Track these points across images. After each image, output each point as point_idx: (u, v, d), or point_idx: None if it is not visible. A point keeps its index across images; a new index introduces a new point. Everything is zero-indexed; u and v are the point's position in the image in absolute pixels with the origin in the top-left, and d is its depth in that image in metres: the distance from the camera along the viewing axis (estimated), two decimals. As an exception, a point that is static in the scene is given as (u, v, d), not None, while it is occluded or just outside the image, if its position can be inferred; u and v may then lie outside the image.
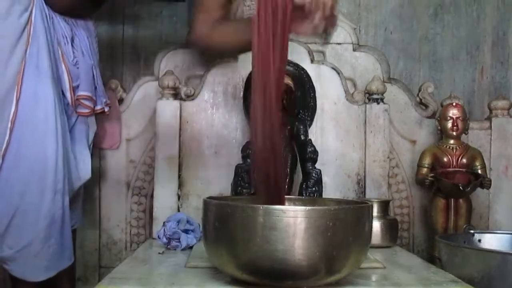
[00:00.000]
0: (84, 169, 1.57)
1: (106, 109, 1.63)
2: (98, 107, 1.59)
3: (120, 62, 2.03)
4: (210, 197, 1.19)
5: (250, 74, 1.62)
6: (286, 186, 1.47)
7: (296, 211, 1.01)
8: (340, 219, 1.02)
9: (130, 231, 1.82)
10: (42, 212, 1.38)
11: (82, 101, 1.52)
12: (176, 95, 1.71)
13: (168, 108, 1.69)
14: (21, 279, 1.39)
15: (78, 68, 1.52)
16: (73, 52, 1.52)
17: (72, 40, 1.51)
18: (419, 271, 1.27)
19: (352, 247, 1.05)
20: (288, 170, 1.49)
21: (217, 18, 1.59)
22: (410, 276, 1.22)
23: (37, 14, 1.38)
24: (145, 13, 2.04)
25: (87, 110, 1.55)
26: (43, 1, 1.42)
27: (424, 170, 1.73)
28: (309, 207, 1.02)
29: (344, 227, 1.03)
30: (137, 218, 1.81)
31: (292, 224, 1.00)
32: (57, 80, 1.44)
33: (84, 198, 1.70)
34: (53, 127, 1.40)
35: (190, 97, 1.73)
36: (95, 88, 1.58)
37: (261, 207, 1.03)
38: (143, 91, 1.81)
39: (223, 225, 1.06)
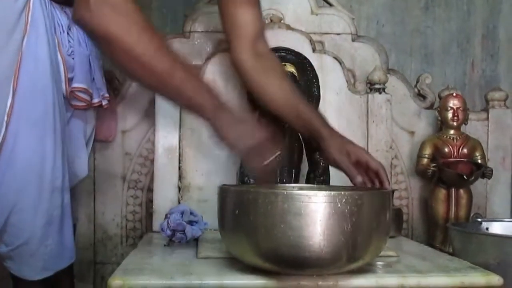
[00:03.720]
0: (80, 166, 1.51)
1: (104, 103, 1.52)
2: (96, 100, 1.50)
3: (110, 53, 1.97)
4: (224, 185, 1.16)
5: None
6: (293, 176, 1.45)
7: (321, 196, 0.98)
8: (365, 204, 1.00)
9: (126, 226, 1.76)
10: (39, 211, 1.30)
11: (77, 93, 1.43)
12: (175, 86, 1.66)
13: (167, 99, 1.63)
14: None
15: (73, 58, 1.42)
16: (69, 41, 1.42)
17: (69, 29, 1.42)
18: (434, 259, 1.25)
19: (376, 233, 1.03)
20: (296, 160, 1.46)
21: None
22: (427, 263, 1.20)
23: None
24: (135, 4, 1.99)
25: (82, 103, 1.45)
26: None
27: (425, 160, 1.72)
28: (334, 192, 0.99)
29: (369, 212, 1.01)
30: (133, 212, 1.76)
31: (317, 209, 0.97)
32: (56, 71, 1.36)
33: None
34: (52, 121, 1.31)
35: (190, 87, 1.68)
36: (93, 79, 1.49)
37: (285, 192, 1.00)
38: (139, 82, 1.76)
39: (244, 212, 1.02)
